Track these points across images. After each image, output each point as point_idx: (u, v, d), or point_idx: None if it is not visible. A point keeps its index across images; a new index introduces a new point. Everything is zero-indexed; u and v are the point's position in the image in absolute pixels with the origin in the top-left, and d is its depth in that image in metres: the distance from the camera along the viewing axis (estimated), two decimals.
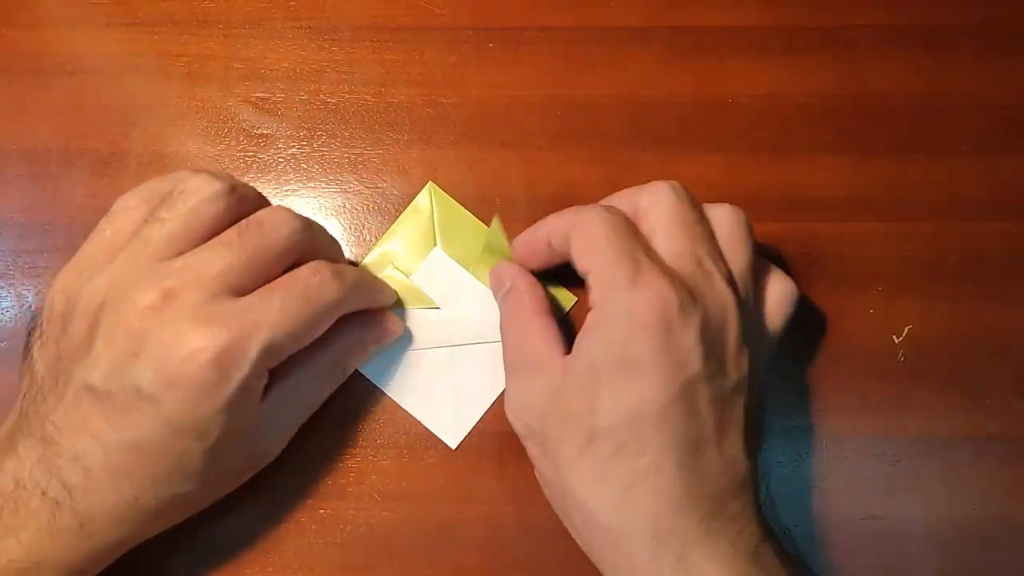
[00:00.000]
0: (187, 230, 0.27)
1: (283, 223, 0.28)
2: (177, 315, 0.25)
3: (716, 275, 0.27)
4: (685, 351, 0.26)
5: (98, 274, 0.27)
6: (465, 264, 0.34)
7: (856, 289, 0.34)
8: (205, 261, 0.26)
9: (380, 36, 0.36)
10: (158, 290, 0.26)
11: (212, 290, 0.26)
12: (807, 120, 0.35)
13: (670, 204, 0.28)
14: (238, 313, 0.26)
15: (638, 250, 0.27)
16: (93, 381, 0.25)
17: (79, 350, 0.26)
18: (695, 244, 0.28)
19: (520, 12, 0.36)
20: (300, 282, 0.27)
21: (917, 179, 0.35)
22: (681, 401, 0.26)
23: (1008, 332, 0.33)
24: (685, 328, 0.26)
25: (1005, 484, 0.32)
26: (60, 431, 0.26)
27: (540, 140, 0.35)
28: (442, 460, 0.32)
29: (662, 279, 0.26)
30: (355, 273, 0.30)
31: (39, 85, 0.36)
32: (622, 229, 0.28)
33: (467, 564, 0.31)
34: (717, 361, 0.26)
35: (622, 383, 0.26)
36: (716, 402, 0.26)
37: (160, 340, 0.25)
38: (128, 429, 0.25)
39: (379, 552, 0.31)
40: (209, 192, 0.28)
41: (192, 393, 0.25)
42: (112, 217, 0.29)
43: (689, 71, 0.36)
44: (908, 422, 0.33)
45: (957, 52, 0.36)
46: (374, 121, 0.35)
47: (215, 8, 0.37)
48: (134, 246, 0.27)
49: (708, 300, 0.27)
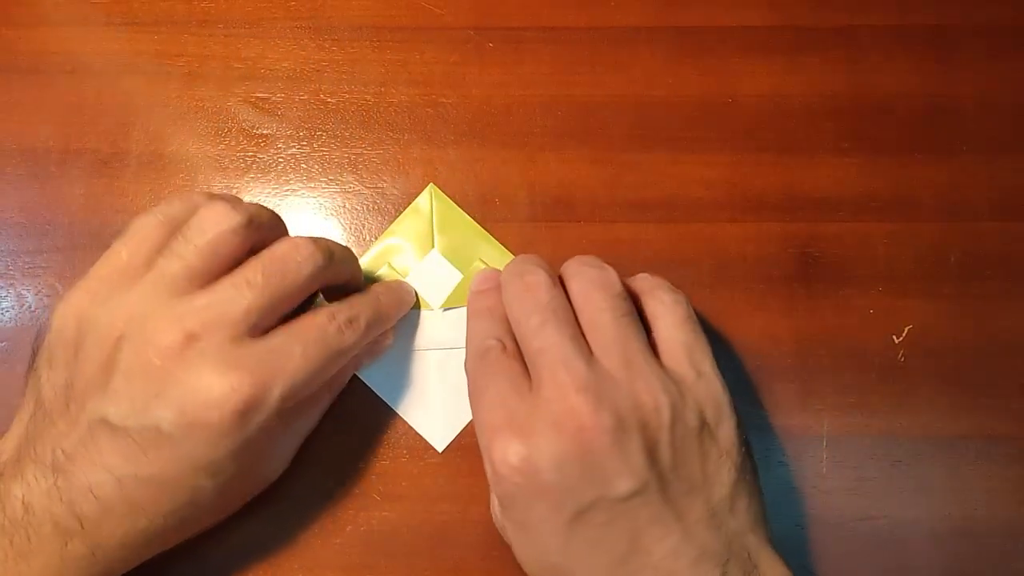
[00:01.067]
0: (205, 266, 0.27)
1: (306, 262, 0.28)
2: (200, 358, 0.25)
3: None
4: (546, 496, 0.25)
5: (114, 303, 0.27)
6: (462, 267, 0.33)
7: (856, 289, 0.34)
8: (228, 302, 0.26)
9: (380, 36, 0.36)
10: (180, 331, 0.25)
11: (234, 332, 0.26)
12: (809, 120, 0.35)
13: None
14: (260, 358, 0.26)
15: (495, 398, 0.27)
16: (110, 416, 0.25)
17: (94, 381, 0.26)
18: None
19: (521, 12, 0.36)
20: (318, 329, 0.28)
21: (919, 179, 0.35)
22: (574, 539, 0.25)
23: (1008, 332, 0.33)
24: (533, 478, 0.25)
25: (1006, 484, 0.32)
26: (72, 461, 0.25)
27: (541, 140, 0.35)
28: (442, 460, 0.32)
29: (501, 436, 0.26)
30: (369, 313, 0.30)
31: (39, 85, 0.36)
32: (482, 371, 0.28)
33: (467, 564, 0.31)
34: (592, 483, 0.25)
35: (524, 541, 0.27)
36: (615, 520, 0.25)
37: (183, 383, 0.25)
38: (144, 466, 0.25)
39: (379, 552, 0.31)
40: (228, 226, 0.27)
41: (213, 436, 0.25)
42: (127, 239, 0.28)
43: (691, 71, 0.36)
44: (908, 422, 0.33)
45: (960, 53, 0.36)
46: (374, 121, 0.35)
47: (215, 8, 0.37)
48: (151, 279, 0.27)
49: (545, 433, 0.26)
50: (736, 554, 0.25)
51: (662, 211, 0.34)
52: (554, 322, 0.27)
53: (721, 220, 0.34)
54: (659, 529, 0.25)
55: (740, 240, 0.34)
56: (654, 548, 0.25)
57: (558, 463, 0.25)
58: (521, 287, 0.28)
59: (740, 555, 0.26)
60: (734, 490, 0.26)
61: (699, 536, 0.25)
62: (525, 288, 0.28)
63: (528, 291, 0.28)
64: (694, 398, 0.27)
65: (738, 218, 0.34)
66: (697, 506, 0.26)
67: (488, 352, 0.28)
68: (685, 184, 0.35)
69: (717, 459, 0.26)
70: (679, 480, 0.26)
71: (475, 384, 0.28)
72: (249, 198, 0.35)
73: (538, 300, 0.28)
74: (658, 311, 0.29)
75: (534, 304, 0.28)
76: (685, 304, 0.29)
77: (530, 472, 0.25)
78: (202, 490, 0.26)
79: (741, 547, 0.26)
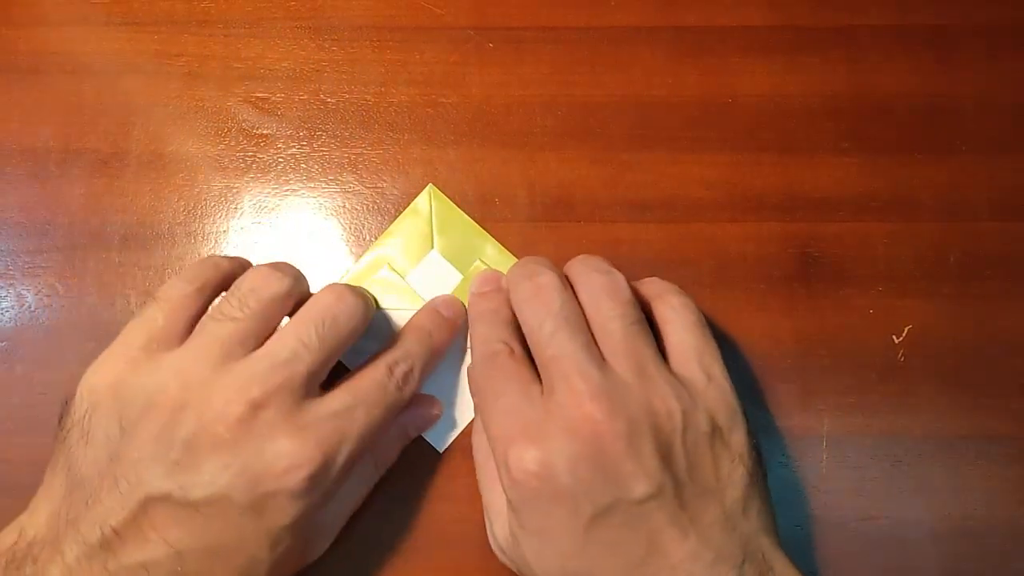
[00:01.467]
0: (258, 329, 0.27)
1: (355, 315, 0.28)
2: (268, 427, 0.25)
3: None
4: (564, 500, 0.25)
5: (161, 370, 0.26)
6: (461, 268, 0.33)
7: (856, 289, 0.34)
8: (288, 366, 0.26)
9: (380, 36, 0.36)
10: (246, 400, 0.25)
11: (297, 396, 0.26)
12: (809, 120, 0.35)
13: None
14: (325, 422, 0.26)
15: (505, 408, 0.27)
16: (172, 490, 0.25)
17: (150, 454, 0.25)
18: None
19: (521, 11, 0.36)
20: (378, 387, 0.28)
21: (919, 179, 0.35)
22: (593, 543, 0.25)
23: (1008, 332, 0.33)
24: (550, 482, 0.25)
25: (1006, 484, 0.32)
26: (123, 539, 0.24)
27: (541, 140, 0.35)
28: (441, 460, 0.32)
29: (517, 443, 0.26)
30: (424, 360, 0.30)
31: (38, 85, 0.36)
32: (490, 380, 0.28)
33: (467, 564, 0.31)
34: (608, 485, 0.25)
35: (540, 549, 0.26)
36: (633, 523, 0.25)
37: (253, 452, 0.25)
38: (208, 537, 0.25)
39: (379, 552, 0.31)
40: (281, 290, 0.28)
41: (282, 503, 0.25)
42: (162, 304, 0.28)
43: (691, 71, 0.36)
44: (908, 422, 0.33)
45: (960, 52, 0.36)
46: (374, 121, 0.35)
47: (215, 8, 0.37)
48: (202, 343, 0.27)
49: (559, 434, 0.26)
50: (751, 556, 0.26)
51: (662, 211, 0.34)
52: (567, 329, 0.27)
53: (721, 220, 0.34)
54: (676, 532, 0.25)
55: (740, 240, 0.34)
56: (671, 551, 0.25)
57: (575, 467, 0.25)
58: (531, 290, 0.28)
59: (755, 557, 0.26)
60: (747, 493, 0.26)
61: (715, 539, 0.25)
62: (536, 292, 0.28)
63: (539, 296, 0.28)
64: (705, 403, 0.27)
65: (738, 218, 0.34)
66: (711, 509, 0.26)
67: (496, 357, 0.28)
68: (685, 184, 0.35)
69: (730, 463, 0.26)
70: (693, 484, 0.26)
71: (484, 390, 0.28)
72: (249, 198, 0.35)
73: (550, 306, 0.28)
74: (668, 316, 0.29)
75: (546, 310, 0.28)
76: (695, 309, 0.29)
77: (548, 476, 0.25)
78: (258, 563, 0.26)
79: (756, 549, 0.26)
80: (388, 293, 0.33)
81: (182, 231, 0.34)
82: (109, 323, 0.33)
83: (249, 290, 0.28)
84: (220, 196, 0.35)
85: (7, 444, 0.32)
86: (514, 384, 0.28)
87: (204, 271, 0.29)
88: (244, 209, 0.35)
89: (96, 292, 0.34)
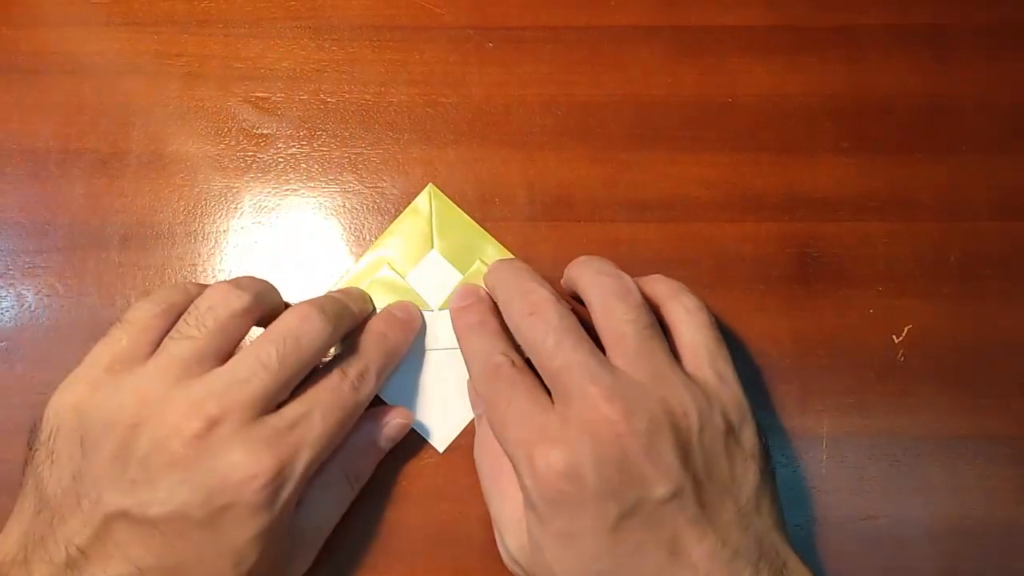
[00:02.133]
0: (217, 347, 0.27)
1: (318, 336, 0.28)
2: (223, 442, 0.25)
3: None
4: (589, 502, 0.25)
5: (120, 390, 0.26)
6: (461, 268, 0.33)
7: (856, 289, 0.34)
8: (244, 384, 0.26)
9: (380, 36, 0.36)
10: (201, 416, 0.25)
11: (254, 412, 0.26)
12: (809, 120, 0.35)
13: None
14: (282, 433, 0.26)
15: (521, 415, 0.27)
16: (130, 508, 0.25)
17: (109, 473, 0.25)
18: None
19: (521, 11, 0.36)
20: (333, 391, 0.28)
21: (919, 179, 0.35)
22: (618, 544, 0.25)
23: (1008, 332, 0.33)
24: (577, 483, 0.25)
25: (1005, 484, 0.32)
26: (87, 558, 0.24)
27: (541, 140, 0.35)
28: (441, 460, 0.32)
29: (540, 446, 0.26)
30: (379, 361, 0.30)
31: (38, 85, 0.36)
32: (499, 393, 0.28)
33: (467, 564, 0.31)
34: (631, 486, 0.25)
35: (563, 553, 0.26)
36: (655, 524, 0.25)
37: (208, 467, 0.25)
38: (169, 555, 0.25)
39: (379, 552, 0.31)
40: (239, 306, 0.28)
41: (241, 517, 0.25)
42: (127, 326, 0.28)
43: (691, 70, 0.36)
44: (908, 422, 0.33)
45: (959, 52, 0.36)
46: (374, 121, 0.35)
47: (215, 8, 0.37)
48: (160, 362, 0.27)
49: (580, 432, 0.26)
50: (766, 553, 0.26)
51: (661, 211, 0.34)
52: (570, 340, 0.27)
53: (720, 220, 0.34)
54: (696, 531, 0.25)
55: (739, 240, 0.34)
56: (693, 550, 0.25)
57: (599, 468, 0.25)
58: (527, 308, 0.28)
59: (769, 554, 0.26)
60: (759, 491, 0.27)
61: (733, 536, 0.25)
62: (532, 309, 0.28)
63: (536, 312, 0.28)
64: (719, 402, 0.27)
65: (737, 218, 0.34)
66: (728, 508, 0.26)
67: (499, 369, 0.28)
68: (684, 184, 0.35)
69: (743, 462, 0.27)
70: (711, 483, 0.26)
71: (494, 400, 0.28)
72: (249, 198, 0.35)
73: (548, 321, 0.28)
74: (680, 316, 0.29)
75: (545, 325, 0.28)
76: (706, 310, 0.29)
77: (575, 477, 0.25)
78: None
79: (769, 545, 0.26)
80: (388, 293, 0.33)
81: (182, 231, 0.34)
82: (109, 323, 0.33)
83: (207, 308, 0.28)
84: (220, 196, 0.35)
85: (7, 444, 0.32)
86: (523, 392, 0.27)
87: (171, 295, 0.29)
88: (244, 209, 0.35)
89: (96, 292, 0.34)
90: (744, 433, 0.27)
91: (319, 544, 0.30)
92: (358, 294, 0.33)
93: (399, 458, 0.32)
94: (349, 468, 0.30)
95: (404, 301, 0.33)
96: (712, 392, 0.27)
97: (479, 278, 0.33)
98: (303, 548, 0.29)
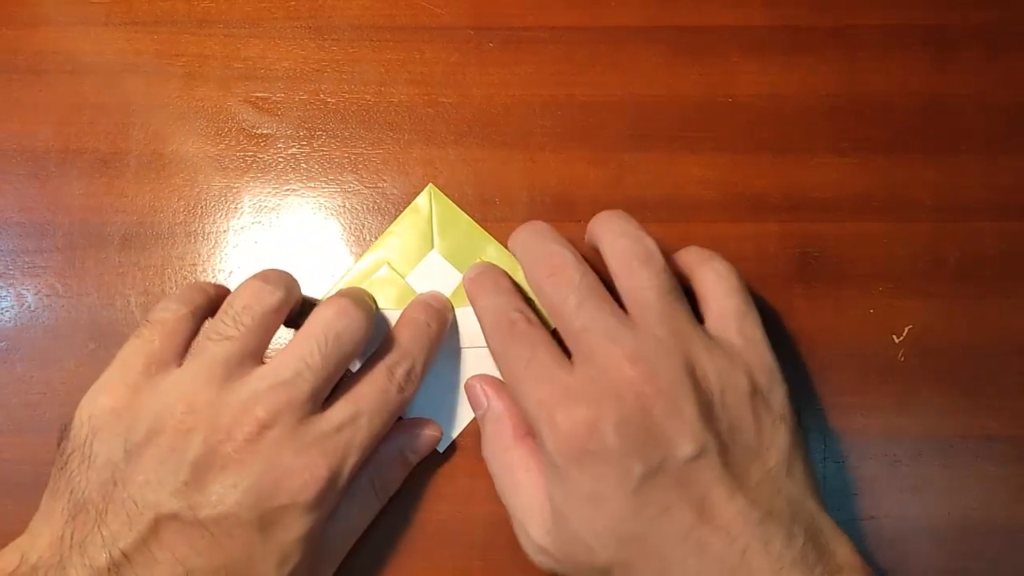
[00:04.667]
0: (256, 345, 0.28)
1: (358, 330, 0.28)
2: (276, 444, 0.26)
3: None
4: (614, 461, 0.25)
5: (164, 394, 0.26)
6: (461, 268, 0.33)
7: (856, 289, 0.34)
8: (291, 386, 0.26)
9: (380, 36, 0.36)
10: (252, 421, 0.26)
11: (303, 413, 0.26)
12: (808, 120, 0.35)
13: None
14: (331, 437, 0.27)
15: (540, 377, 0.27)
16: (181, 510, 0.25)
17: (157, 476, 0.25)
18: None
19: (521, 11, 0.36)
20: (380, 393, 0.28)
21: (918, 179, 0.35)
22: (646, 505, 0.25)
23: (1008, 332, 0.33)
24: (601, 441, 0.25)
25: (1005, 484, 0.32)
26: (131, 561, 0.25)
27: (541, 140, 0.35)
28: (441, 460, 0.32)
29: (562, 405, 0.26)
30: (424, 355, 0.30)
31: (38, 84, 0.36)
32: (517, 357, 0.28)
33: (467, 564, 0.31)
34: (656, 444, 0.25)
35: (592, 518, 0.26)
36: (682, 483, 0.25)
37: (262, 471, 0.25)
38: (217, 556, 0.25)
39: (379, 552, 0.31)
40: (272, 303, 0.28)
41: (290, 520, 0.26)
42: (156, 327, 0.28)
43: (690, 71, 0.36)
44: (908, 422, 0.33)
45: (958, 52, 0.36)
46: (374, 121, 0.35)
47: (215, 8, 0.37)
48: (202, 364, 0.27)
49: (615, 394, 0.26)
50: (800, 517, 0.25)
51: (662, 211, 0.34)
52: (593, 300, 0.27)
53: (720, 220, 0.34)
54: (723, 491, 0.25)
55: (739, 240, 0.34)
56: (721, 511, 0.25)
57: (623, 427, 0.25)
58: (548, 269, 0.28)
59: (803, 517, 0.26)
60: (791, 455, 0.26)
61: (763, 498, 0.25)
62: (553, 271, 0.28)
63: (557, 273, 0.28)
64: (744, 363, 0.27)
65: (737, 218, 0.34)
66: (756, 469, 0.26)
67: (515, 325, 0.28)
68: (684, 184, 0.35)
69: (772, 424, 0.26)
70: (736, 444, 0.26)
71: (511, 357, 0.28)
72: (249, 198, 0.35)
73: (571, 281, 0.28)
74: (710, 279, 0.29)
75: (567, 285, 0.28)
76: (737, 274, 0.29)
77: (599, 435, 0.25)
78: None
79: (804, 511, 0.26)
80: (387, 293, 0.33)
81: (182, 231, 0.34)
82: (109, 323, 0.33)
83: (243, 307, 0.28)
84: (220, 196, 0.35)
85: (7, 444, 0.32)
86: (541, 350, 0.27)
87: (195, 295, 0.29)
88: (244, 209, 0.35)
89: (96, 292, 0.34)
90: (773, 395, 0.27)
91: (344, 552, 0.29)
92: (367, 294, 0.32)
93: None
94: (376, 477, 0.30)
95: (435, 291, 0.33)
96: (736, 354, 0.27)
97: None
98: (330, 555, 0.29)
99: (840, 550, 0.26)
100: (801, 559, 0.24)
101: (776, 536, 0.25)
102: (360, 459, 0.27)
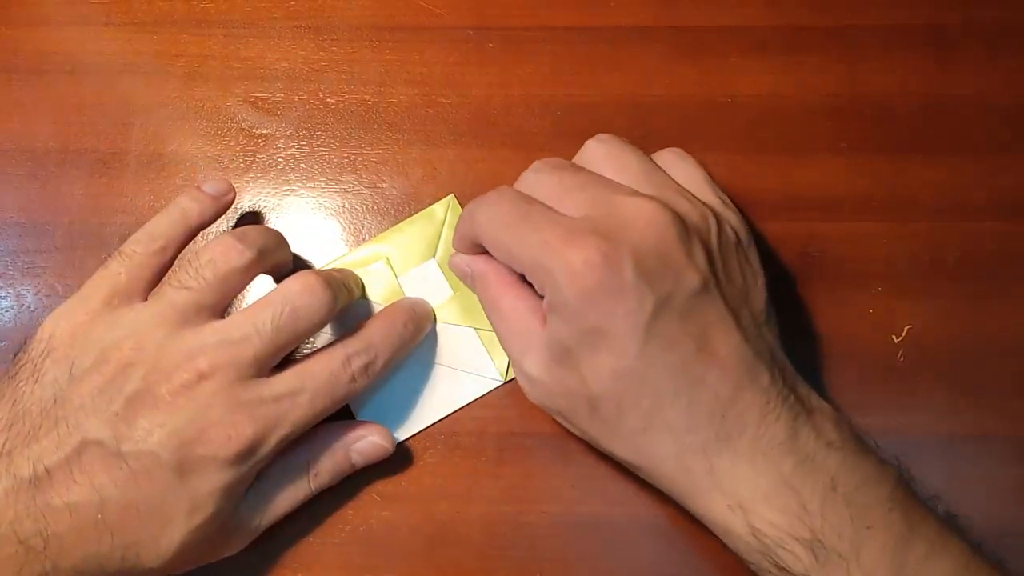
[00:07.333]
0: (214, 300, 0.28)
1: (319, 310, 0.28)
2: (208, 396, 0.26)
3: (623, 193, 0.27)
4: (629, 293, 0.25)
5: (117, 326, 0.27)
6: (454, 286, 0.33)
7: (856, 289, 0.34)
8: (237, 345, 0.27)
9: (380, 36, 0.36)
10: (193, 368, 0.26)
11: (243, 374, 0.27)
12: (808, 120, 0.35)
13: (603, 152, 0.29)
14: (266, 403, 0.27)
15: (540, 223, 0.27)
16: (106, 439, 0.26)
17: (92, 402, 0.26)
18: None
19: (520, 11, 0.36)
20: (330, 376, 0.28)
21: (917, 179, 0.35)
22: (652, 339, 0.25)
23: (1008, 332, 0.33)
24: (617, 272, 0.25)
25: (1004, 484, 0.32)
26: (53, 478, 0.25)
27: (540, 140, 0.35)
28: (441, 460, 0.32)
29: (572, 241, 0.25)
30: (388, 353, 0.30)
31: (38, 84, 0.36)
32: (509, 213, 0.27)
33: (467, 564, 0.31)
34: (667, 276, 0.26)
35: (593, 354, 0.26)
36: (686, 316, 0.26)
37: (190, 418, 0.26)
38: (131, 491, 0.26)
39: (378, 552, 0.31)
40: (240, 263, 0.28)
41: (207, 471, 0.26)
42: (125, 260, 0.29)
43: (690, 71, 0.36)
44: (907, 422, 0.33)
45: (958, 52, 0.36)
46: (374, 121, 0.35)
47: (215, 8, 0.37)
48: (159, 307, 0.27)
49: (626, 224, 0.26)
50: (777, 361, 0.27)
51: None
52: (587, 172, 0.28)
53: None
54: (724, 326, 0.26)
55: None
56: (718, 347, 0.26)
57: (638, 257, 0.25)
58: (534, 181, 0.29)
59: (780, 364, 0.27)
60: (767, 307, 0.28)
61: (752, 338, 0.27)
62: (538, 182, 0.28)
63: (546, 178, 0.28)
64: (727, 219, 0.28)
65: None
66: (745, 313, 0.27)
67: (502, 192, 0.28)
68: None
69: (752, 276, 0.28)
70: (730, 285, 0.27)
71: (503, 215, 0.27)
72: (249, 198, 0.35)
73: (562, 177, 0.28)
74: (672, 160, 0.30)
75: (559, 180, 0.28)
76: (696, 160, 0.30)
77: (613, 266, 0.25)
78: (173, 529, 0.26)
79: (779, 359, 0.28)
80: (378, 287, 0.33)
81: None
82: None
83: (208, 260, 0.28)
84: None
85: None
86: (538, 204, 0.27)
87: (170, 228, 0.30)
88: (244, 209, 0.35)
89: None
90: (751, 252, 0.28)
91: (259, 529, 0.29)
92: (354, 278, 0.33)
93: (399, 459, 0.32)
94: (314, 463, 0.30)
95: (422, 299, 0.33)
96: (719, 210, 0.28)
97: (472, 298, 0.32)
98: (245, 526, 0.29)
99: (811, 396, 0.27)
100: (784, 398, 0.26)
101: (763, 374, 0.26)
102: (291, 434, 0.27)
